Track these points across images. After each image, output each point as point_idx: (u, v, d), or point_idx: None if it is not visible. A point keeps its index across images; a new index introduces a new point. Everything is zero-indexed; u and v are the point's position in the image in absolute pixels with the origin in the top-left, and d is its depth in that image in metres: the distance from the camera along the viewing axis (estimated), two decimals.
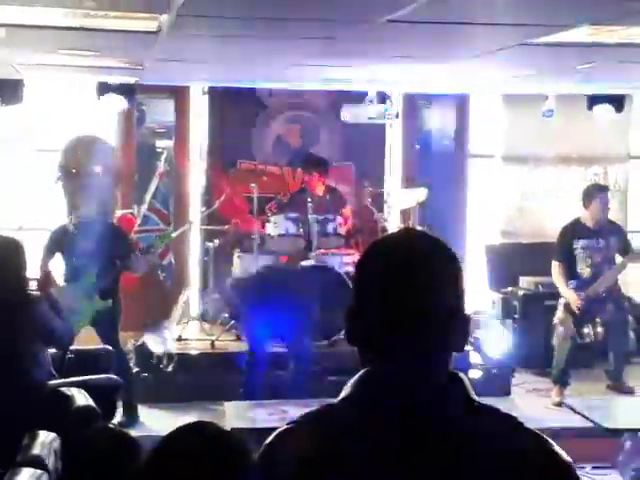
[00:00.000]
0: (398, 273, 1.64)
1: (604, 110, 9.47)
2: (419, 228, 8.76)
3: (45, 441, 4.07)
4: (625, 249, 7.90)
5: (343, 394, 1.68)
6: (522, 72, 7.23)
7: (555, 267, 7.84)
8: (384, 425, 1.60)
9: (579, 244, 7.79)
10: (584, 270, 7.80)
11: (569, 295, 7.68)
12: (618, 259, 7.93)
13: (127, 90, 8.52)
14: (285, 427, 1.71)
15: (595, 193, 7.87)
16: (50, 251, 7.24)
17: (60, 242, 7.20)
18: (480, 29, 5.06)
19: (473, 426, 1.62)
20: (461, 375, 1.68)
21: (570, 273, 7.78)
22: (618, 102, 9.38)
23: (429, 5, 4.01)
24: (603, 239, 7.79)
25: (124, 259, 7.16)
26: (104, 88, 8.45)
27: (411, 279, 1.63)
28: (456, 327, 1.66)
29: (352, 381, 1.68)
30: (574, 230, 7.87)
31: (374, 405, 1.63)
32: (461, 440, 1.60)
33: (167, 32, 5.17)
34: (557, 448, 1.65)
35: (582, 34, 5.12)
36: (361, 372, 1.68)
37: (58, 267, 7.32)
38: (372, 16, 4.52)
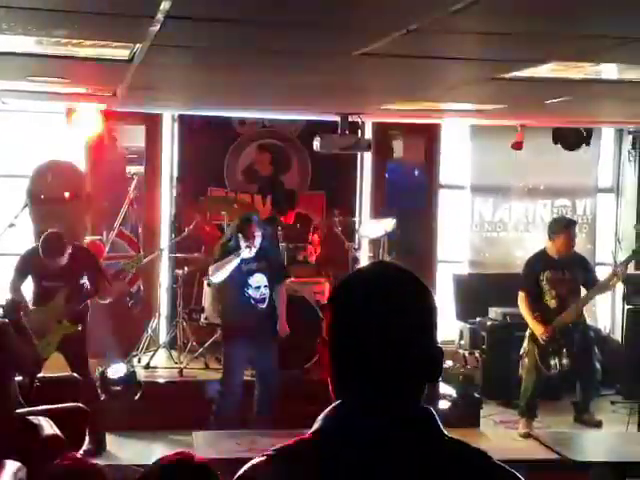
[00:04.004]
0: (371, 306, 1.66)
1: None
2: (387, 258, 8.81)
3: (12, 470, 4.03)
4: (590, 281, 7.96)
5: (315, 427, 1.68)
6: (491, 106, 7.31)
7: (521, 298, 7.88)
8: (355, 458, 1.61)
9: (545, 275, 7.84)
10: (550, 301, 7.84)
11: (535, 326, 7.72)
12: (584, 291, 8.00)
13: None
14: (256, 460, 1.71)
15: (562, 228, 7.92)
16: (20, 273, 7.20)
17: (31, 264, 7.17)
18: (451, 64, 5.11)
19: (444, 460, 1.63)
20: (430, 409, 1.69)
21: (536, 304, 7.83)
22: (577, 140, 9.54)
23: (401, 40, 4.06)
24: (569, 271, 7.84)
25: (93, 283, 7.13)
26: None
27: (384, 312, 1.65)
28: (429, 360, 1.68)
29: (324, 414, 1.68)
30: (540, 261, 7.92)
31: (346, 438, 1.63)
32: (433, 474, 1.61)
33: (140, 61, 5.18)
34: None
35: (550, 70, 5.19)
36: (333, 405, 1.69)
37: (27, 290, 7.28)
38: (345, 49, 4.56)
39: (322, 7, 3.62)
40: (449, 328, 9.62)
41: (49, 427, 5.18)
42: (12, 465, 4.09)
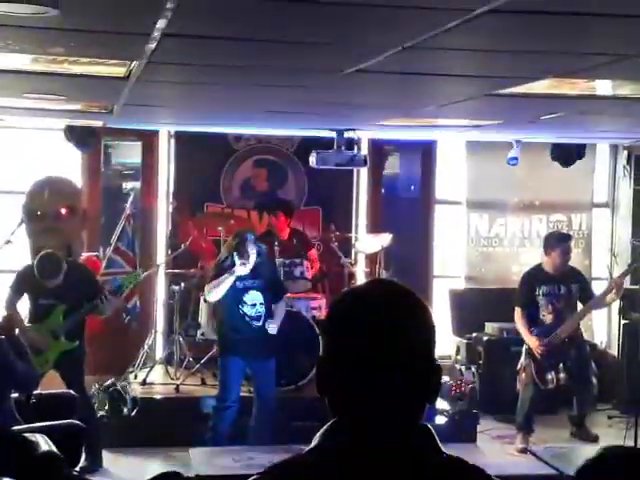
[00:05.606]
0: (369, 323, 1.66)
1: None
2: (384, 273, 8.81)
3: None
4: (587, 296, 7.97)
5: (313, 444, 1.68)
6: (487, 122, 7.34)
7: (517, 313, 7.89)
8: (354, 475, 1.61)
9: (541, 290, 7.84)
10: (546, 316, 7.85)
11: (531, 341, 7.72)
12: (580, 306, 8.01)
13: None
14: (254, 478, 1.71)
15: (557, 242, 7.94)
16: (17, 291, 7.20)
17: (27, 282, 7.16)
18: (446, 80, 5.13)
19: (441, 478, 1.64)
20: (428, 427, 1.69)
21: (533, 319, 7.83)
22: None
23: (397, 56, 4.07)
24: (565, 285, 7.85)
25: (91, 299, 7.13)
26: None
27: (382, 328, 1.65)
28: (427, 377, 1.68)
29: (321, 431, 1.68)
30: (536, 276, 7.93)
31: (343, 455, 1.63)
32: None
33: (136, 78, 5.20)
34: None
35: (546, 86, 5.21)
36: (330, 422, 1.69)
37: (23, 307, 7.28)
38: (340, 66, 4.58)
39: (317, 25, 3.64)
40: (445, 343, 9.62)
41: (45, 444, 5.15)
42: None
